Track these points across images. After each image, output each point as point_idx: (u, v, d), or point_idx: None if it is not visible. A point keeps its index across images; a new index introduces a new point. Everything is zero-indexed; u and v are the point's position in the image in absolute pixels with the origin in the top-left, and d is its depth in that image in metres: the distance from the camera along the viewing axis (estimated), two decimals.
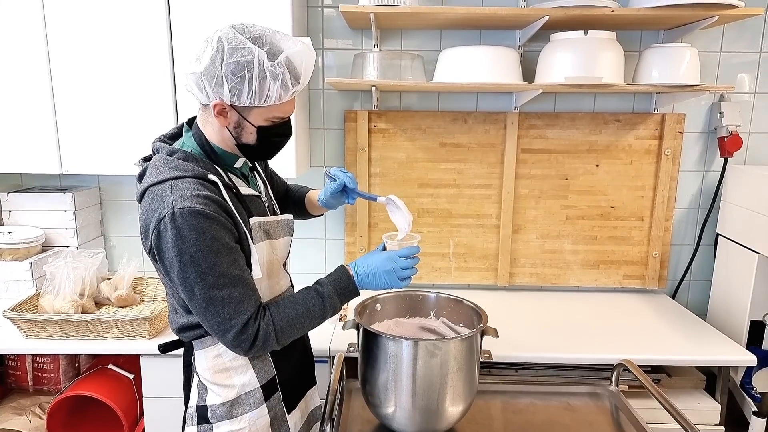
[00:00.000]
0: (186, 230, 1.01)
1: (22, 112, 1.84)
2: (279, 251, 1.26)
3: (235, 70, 1.02)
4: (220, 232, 1.04)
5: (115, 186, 2.24)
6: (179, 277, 1.04)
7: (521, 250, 2.22)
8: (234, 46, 1.02)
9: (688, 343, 1.78)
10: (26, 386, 1.96)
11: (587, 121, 2.13)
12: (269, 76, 1.03)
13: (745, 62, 2.11)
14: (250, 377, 1.19)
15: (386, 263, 1.20)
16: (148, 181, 1.09)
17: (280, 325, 1.11)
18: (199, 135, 1.15)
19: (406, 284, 1.23)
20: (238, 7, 1.75)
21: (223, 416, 1.18)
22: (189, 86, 1.10)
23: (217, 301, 1.05)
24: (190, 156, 1.11)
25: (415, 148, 2.15)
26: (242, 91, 1.04)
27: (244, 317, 1.06)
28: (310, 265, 2.25)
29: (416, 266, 1.25)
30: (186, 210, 1.01)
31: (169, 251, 1.03)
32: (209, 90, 1.06)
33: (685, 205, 2.23)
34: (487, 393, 1.46)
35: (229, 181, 1.14)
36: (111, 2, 1.76)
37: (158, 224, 1.03)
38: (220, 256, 1.04)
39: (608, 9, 1.76)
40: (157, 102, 1.83)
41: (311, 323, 1.17)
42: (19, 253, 1.99)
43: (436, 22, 1.98)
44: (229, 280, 1.05)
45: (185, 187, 1.04)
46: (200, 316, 1.08)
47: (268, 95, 1.05)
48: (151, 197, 1.06)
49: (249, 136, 1.12)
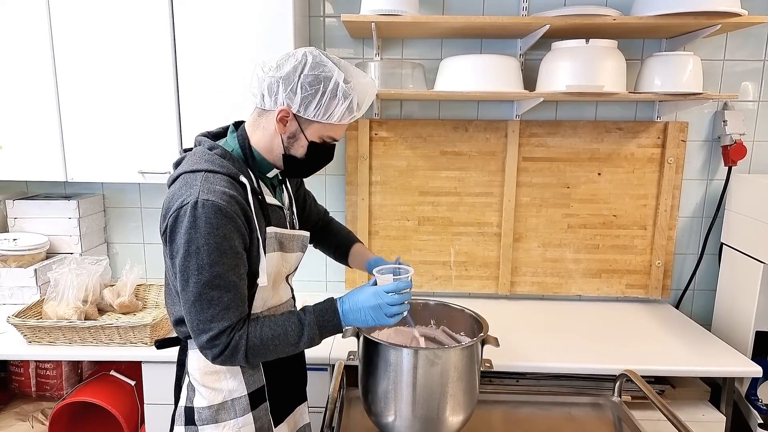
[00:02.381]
0: (202, 221, 1.03)
1: (28, 121, 1.86)
2: (289, 264, 1.27)
3: (313, 83, 1.08)
4: (232, 233, 1.06)
5: (119, 193, 2.25)
6: (180, 264, 1.06)
7: (522, 258, 2.22)
8: (318, 62, 1.10)
9: (693, 353, 1.76)
10: (29, 392, 1.97)
11: (589, 130, 2.12)
12: (341, 95, 1.09)
13: (748, 70, 2.11)
14: (238, 383, 1.19)
15: (371, 299, 1.14)
16: (184, 168, 1.12)
17: (253, 343, 1.09)
18: (244, 138, 1.18)
19: (395, 321, 1.16)
20: (241, 19, 1.77)
21: (209, 420, 1.18)
22: (259, 88, 1.13)
23: (204, 300, 1.06)
24: (228, 154, 1.14)
25: (415, 156, 2.16)
26: (312, 103, 1.09)
27: (223, 324, 1.07)
28: (310, 273, 2.25)
29: (407, 302, 1.16)
30: (209, 202, 1.04)
31: (180, 236, 1.05)
32: (281, 95, 1.10)
33: (689, 214, 2.21)
34: (488, 403, 1.46)
35: (257, 186, 1.16)
36: (116, 14, 1.78)
37: (180, 209, 1.05)
38: (223, 257, 1.05)
39: (609, 17, 1.76)
40: (160, 112, 1.84)
41: (285, 348, 1.12)
42: (23, 259, 2.01)
43: (437, 31, 1.99)
44: (224, 282, 1.06)
45: (216, 181, 1.08)
46: (185, 309, 1.09)
47: (333, 113, 1.11)
48: (182, 182, 1.10)
49: (299, 149, 1.16)
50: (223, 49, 1.79)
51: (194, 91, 1.83)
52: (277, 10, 1.76)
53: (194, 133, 1.26)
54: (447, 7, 2.07)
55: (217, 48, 1.79)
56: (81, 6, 1.78)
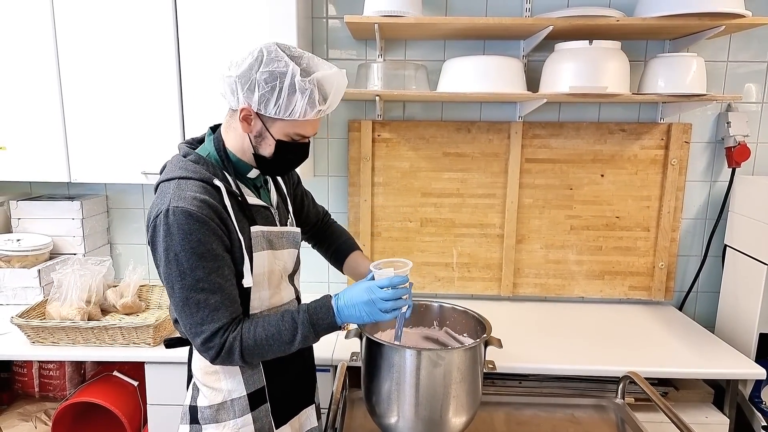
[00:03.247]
0: (175, 228, 1.05)
1: (32, 122, 1.87)
2: (282, 262, 1.26)
3: (268, 79, 1.06)
4: (208, 236, 1.06)
5: (122, 194, 2.26)
6: (164, 272, 1.08)
7: (525, 260, 2.22)
8: (272, 57, 1.07)
9: (696, 355, 1.76)
10: (32, 392, 1.97)
11: (592, 131, 2.12)
12: (298, 90, 1.06)
13: (752, 72, 2.10)
14: (237, 383, 1.19)
15: (364, 294, 1.12)
16: (160, 178, 1.15)
17: (247, 343, 1.09)
18: (219, 140, 1.18)
19: (391, 317, 1.14)
20: (245, 20, 1.77)
21: (210, 419, 1.19)
22: (223, 89, 1.13)
23: (192, 304, 1.07)
24: (201, 159, 1.14)
25: (418, 158, 2.16)
26: (270, 100, 1.07)
27: (215, 326, 1.08)
28: (313, 274, 2.25)
29: (404, 298, 1.13)
30: (179, 209, 1.05)
31: (159, 245, 1.07)
32: (240, 94, 1.09)
33: (692, 216, 2.21)
34: (491, 404, 1.46)
35: (236, 188, 1.16)
36: (121, 17, 1.79)
37: (155, 218, 1.07)
38: (202, 260, 1.06)
39: (613, 19, 1.76)
40: (163, 113, 1.85)
41: (281, 348, 1.12)
42: (27, 260, 2.01)
43: (440, 33, 1.99)
44: (208, 285, 1.07)
45: (187, 188, 1.08)
46: (177, 314, 1.11)
47: (293, 110, 1.08)
48: (159, 192, 1.12)
49: (267, 148, 1.15)
50: (226, 51, 1.80)
51: (197, 92, 1.83)
52: (280, 12, 1.77)
53: (197, 133, 1.27)
54: (450, 9, 2.07)
55: (221, 49, 1.80)
56: (85, 7, 1.79)
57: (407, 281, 1.15)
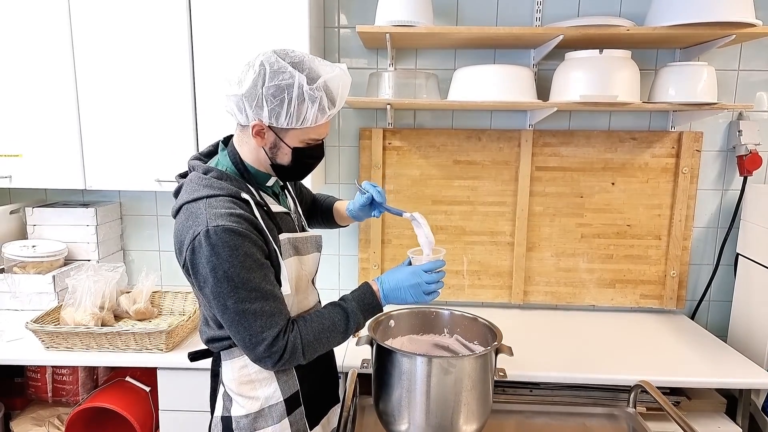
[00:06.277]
0: (220, 247, 1.04)
1: (48, 129, 1.90)
2: (307, 267, 1.29)
3: (276, 93, 1.06)
4: (251, 248, 1.07)
5: (135, 201, 2.29)
6: (213, 291, 1.07)
7: (536, 268, 2.21)
8: (276, 70, 1.06)
9: (708, 365, 1.74)
10: (45, 398, 1.99)
11: (602, 139, 2.12)
12: (308, 99, 1.07)
13: (763, 80, 2.10)
14: (273, 390, 1.20)
15: (411, 278, 1.21)
16: (184, 198, 1.13)
17: (307, 339, 1.13)
18: (234, 154, 1.19)
19: (432, 299, 1.23)
20: (257, 29, 1.80)
21: (247, 428, 1.19)
22: (229, 107, 1.13)
23: (249, 315, 1.07)
24: (224, 175, 1.15)
25: (429, 166, 2.17)
26: (281, 113, 1.08)
27: (275, 330, 1.09)
28: (324, 282, 2.26)
29: (442, 280, 1.24)
30: (220, 228, 1.04)
31: (203, 267, 1.06)
32: (249, 111, 1.10)
33: (704, 224, 2.20)
34: (502, 412, 1.45)
35: (260, 199, 1.18)
36: (136, 27, 1.82)
37: (193, 241, 1.06)
38: (252, 272, 1.07)
39: (623, 28, 1.77)
40: (177, 121, 1.88)
41: (336, 339, 1.18)
42: (42, 266, 2.04)
43: (451, 42, 2.01)
44: (261, 294, 1.08)
45: (219, 206, 1.08)
46: (232, 329, 1.10)
47: (305, 117, 1.09)
48: (186, 214, 1.10)
49: (284, 157, 1.16)
50: (239, 60, 1.79)
51: (211, 101, 1.86)
52: (293, 22, 1.79)
53: (210, 141, 1.29)
54: (461, 18, 2.09)
55: (234, 59, 1.82)
56: (102, 17, 1.82)
57: (444, 265, 1.26)
